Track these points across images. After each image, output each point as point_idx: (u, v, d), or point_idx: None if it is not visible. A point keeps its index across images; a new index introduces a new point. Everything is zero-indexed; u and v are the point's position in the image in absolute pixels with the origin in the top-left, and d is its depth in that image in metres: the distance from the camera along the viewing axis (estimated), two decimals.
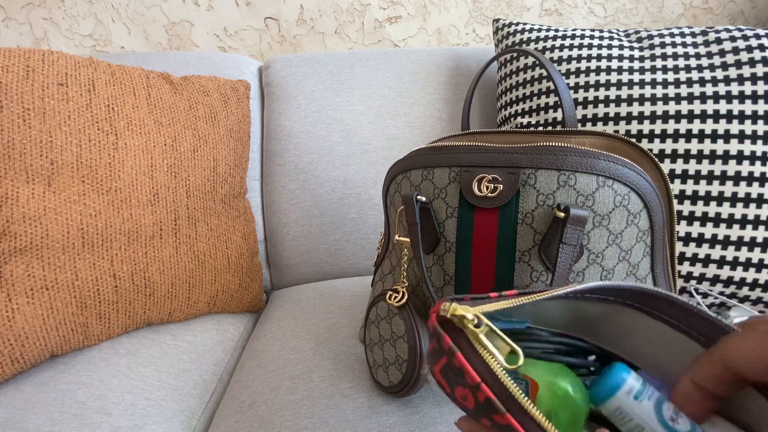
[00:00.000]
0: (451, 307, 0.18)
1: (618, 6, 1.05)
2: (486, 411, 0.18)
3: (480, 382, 0.17)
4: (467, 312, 0.18)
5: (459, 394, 0.18)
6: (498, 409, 0.17)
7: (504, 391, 0.17)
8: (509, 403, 0.17)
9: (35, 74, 0.54)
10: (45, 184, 0.54)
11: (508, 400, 0.17)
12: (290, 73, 0.83)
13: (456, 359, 0.18)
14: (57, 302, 0.53)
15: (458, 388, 0.18)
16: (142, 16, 0.97)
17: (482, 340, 0.17)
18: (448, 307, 0.18)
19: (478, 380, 0.17)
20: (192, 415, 0.52)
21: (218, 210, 0.68)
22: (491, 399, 0.17)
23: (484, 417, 0.18)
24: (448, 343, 0.18)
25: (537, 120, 0.67)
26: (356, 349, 0.53)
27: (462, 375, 0.18)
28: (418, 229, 0.40)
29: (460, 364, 0.18)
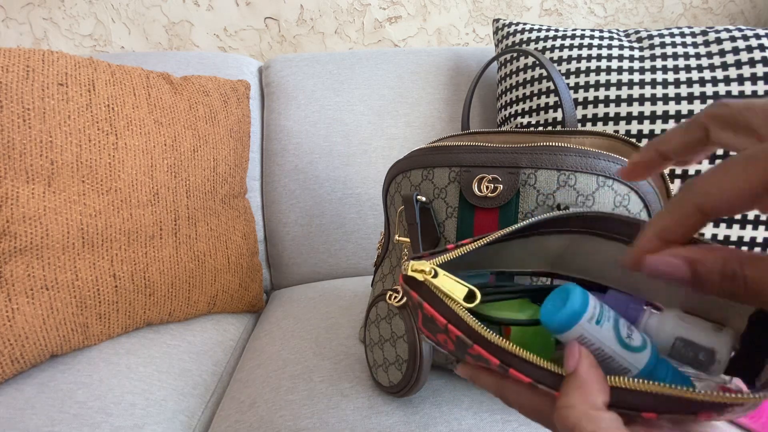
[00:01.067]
0: (410, 265, 0.20)
1: (618, 6, 1.05)
2: (462, 347, 0.20)
3: (447, 323, 0.19)
4: (424, 266, 0.20)
5: (441, 339, 0.21)
6: (466, 343, 0.19)
7: (466, 326, 0.19)
8: (472, 335, 0.19)
9: (35, 74, 0.54)
10: (45, 184, 0.54)
11: (471, 333, 0.19)
12: (290, 73, 0.83)
13: (424, 309, 0.20)
14: (57, 302, 0.53)
15: (439, 335, 0.20)
16: (142, 16, 0.98)
17: (439, 287, 0.20)
18: (408, 265, 0.20)
19: (444, 322, 0.19)
20: (192, 415, 0.52)
21: (218, 210, 0.68)
22: (459, 336, 0.19)
23: (464, 353, 0.20)
24: (415, 297, 0.20)
25: (537, 120, 0.67)
26: (356, 349, 0.53)
27: (434, 322, 0.20)
28: (418, 229, 0.40)
29: (430, 312, 0.20)
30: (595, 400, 0.16)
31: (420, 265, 0.20)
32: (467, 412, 0.43)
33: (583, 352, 0.17)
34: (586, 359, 0.17)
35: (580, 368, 0.17)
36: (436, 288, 0.20)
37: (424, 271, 0.20)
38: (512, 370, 0.18)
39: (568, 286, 0.19)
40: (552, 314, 0.19)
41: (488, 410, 0.43)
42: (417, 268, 0.20)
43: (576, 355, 0.17)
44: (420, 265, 0.20)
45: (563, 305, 0.18)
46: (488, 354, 0.19)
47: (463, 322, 0.19)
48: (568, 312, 0.18)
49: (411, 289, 0.21)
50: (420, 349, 0.39)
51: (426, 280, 0.20)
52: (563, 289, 0.19)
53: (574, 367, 0.17)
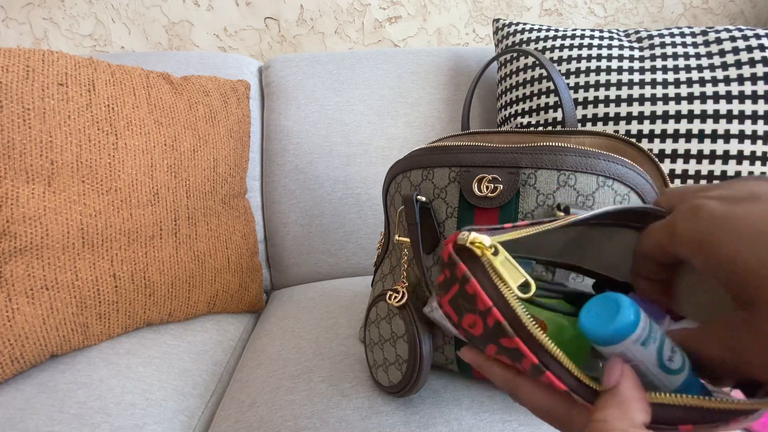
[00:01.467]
0: (470, 236, 0.19)
1: (618, 6, 1.05)
2: (494, 336, 0.18)
3: (491, 306, 0.18)
4: (485, 240, 0.18)
5: (467, 322, 0.19)
6: (507, 332, 0.18)
7: (513, 315, 0.18)
8: (517, 327, 0.18)
9: (35, 74, 0.54)
10: (45, 184, 0.54)
11: (516, 324, 0.18)
12: (290, 73, 0.83)
13: (469, 285, 0.18)
14: (57, 302, 0.53)
15: (468, 316, 0.19)
16: (142, 16, 0.98)
17: (497, 267, 0.18)
18: (467, 236, 0.19)
19: (489, 304, 0.18)
20: (192, 415, 0.52)
21: (218, 210, 0.68)
22: (501, 323, 0.18)
23: (491, 342, 0.19)
24: (462, 270, 0.19)
25: (537, 120, 0.67)
26: (356, 349, 0.53)
27: (473, 301, 0.18)
28: (418, 229, 0.40)
29: (473, 290, 0.18)
30: (635, 418, 0.16)
31: (481, 239, 0.18)
32: (467, 412, 0.43)
33: (627, 371, 0.17)
34: (629, 378, 0.17)
35: (622, 386, 0.17)
36: (493, 268, 0.18)
37: (484, 246, 0.18)
38: (549, 373, 0.17)
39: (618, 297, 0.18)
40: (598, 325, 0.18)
41: (488, 410, 0.43)
42: (478, 241, 0.18)
43: (618, 372, 0.17)
44: (481, 239, 0.18)
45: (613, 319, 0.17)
46: (528, 351, 0.18)
47: (512, 310, 0.18)
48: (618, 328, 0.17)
49: (461, 261, 0.19)
50: (420, 349, 0.39)
51: (485, 256, 0.18)
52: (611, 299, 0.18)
53: (615, 383, 0.17)
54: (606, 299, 0.18)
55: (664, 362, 0.18)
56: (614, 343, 0.17)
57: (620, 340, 0.17)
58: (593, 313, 0.18)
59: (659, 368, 0.18)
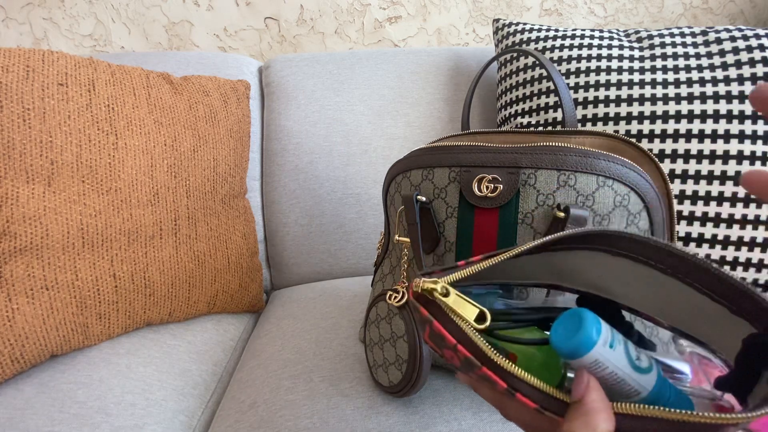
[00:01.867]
0: (421, 281, 0.20)
1: (618, 6, 1.05)
2: (469, 367, 0.20)
3: (456, 344, 0.19)
4: (435, 285, 0.20)
5: (447, 356, 0.21)
6: (474, 365, 0.19)
7: (476, 348, 0.19)
8: (482, 357, 0.19)
9: (35, 74, 0.54)
10: (45, 184, 0.54)
11: (480, 356, 0.19)
12: (290, 73, 0.83)
13: (434, 326, 0.20)
14: (57, 302, 0.53)
15: (445, 350, 0.20)
16: (142, 16, 0.97)
17: (451, 306, 0.20)
18: (419, 282, 0.20)
19: (454, 342, 0.19)
20: (192, 415, 0.52)
21: (218, 210, 0.68)
22: (468, 357, 0.19)
23: (470, 371, 0.20)
24: (424, 314, 0.20)
25: (537, 120, 0.67)
26: (356, 349, 0.53)
27: (442, 339, 0.20)
28: (418, 229, 0.40)
29: (438, 330, 0.20)
30: (598, 427, 0.16)
31: (431, 283, 0.20)
32: (467, 412, 0.43)
33: (592, 381, 0.18)
34: (594, 389, 0.17)
35: (586, 397, 0.17)
36: (448, 308, 0.20)
37: (435, 290, 0.20)
38: (519, 395, 0.18)
39: (579, 311, 0.19)
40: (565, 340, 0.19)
41: (488, 410, 0.43)
42: (428, 287, 0.20)
43: (584, 383, 0.18)
44: (431, 283, 0.20)
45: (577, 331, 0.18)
46: (496, 377, 0.19)
47: (473, 344, 0.19)
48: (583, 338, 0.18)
49: (421, 306, 0.20)
50: (420, 349, 0.39)
51: (437, 299, 0.20)
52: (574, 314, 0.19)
53: (580, 396, 0.17)
54: (570, 316, 0.19)
55: (634, 361, 0.19)
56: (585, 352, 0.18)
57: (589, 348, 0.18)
58: (560, 330, 0.19)
59: (632, 369, 0.19)
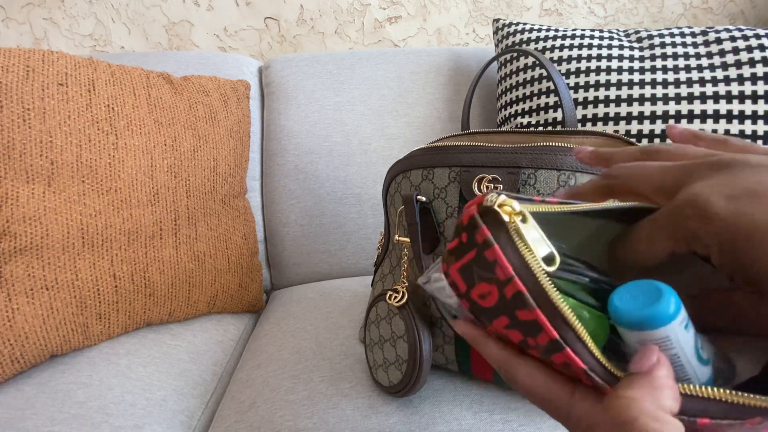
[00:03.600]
0: (498, 198, 0.17)
1: (618, 6, 1.05)
2: (510, 307, 0.17)
3: (513, 276, 0.17)
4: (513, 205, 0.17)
5: (478, 291, 0.18)
6: (527, 304, 0.17)
7: (537, 286, 0.17)
8: (540, 298, 0.17)
9: (35, 74, 0.54)
10: (45, 184, 0.54)
11: (539, 296, 0.17)
12: (290, 73, 0.83)
13: (490, 251, 0.17)
14: (57, 302, 0.53)
15: (481, 285, 0.18)
16: (142, 16, 0.98)
17: (524, 235, 0.17)
18: (495, 198, 0.17)
19: (511, 273, 0.17)
20: (192, 415, 0.52)
21: (218, 210, 0.68)
22: (522, 293, 0.17)
23: (504, 315, 0.18)
24: (485, 234, 0.17)
25: (537, 120, 0.67)
26: (356, 349, 0.53)
27: (491, 269, 0.17)
28: (418, 229, 0.40)
29: (494, 257, 0.17)
30: (666, 404, 0.15)
31: (511, 203, 0.17)
32: (467, 412, 0.43)
33: (663, 359, 0.16)
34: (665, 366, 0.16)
35: (657, 372, 0.16)
36: (520, 236, 0.17)
37: (513, 211, 0.17)
38: (569, 350, 0.16)
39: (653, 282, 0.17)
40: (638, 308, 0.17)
41: (488, 410, 0.43)
42: (508, 204, 0.17)
43: (654, 358, 0.16)
44: (511, 203, 0.17)
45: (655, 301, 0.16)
46: (549, 324, 0.16)
47: (536, 281, 0.17)
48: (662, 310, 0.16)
49: (483, 224, 0.17)
50: (420, 349, 0.39)
51: (513, 222, 0.17)
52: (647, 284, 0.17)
53: (648, 368, 0.16)
54: (643, 285, 0.17)
55: (699, 349, 0.18)
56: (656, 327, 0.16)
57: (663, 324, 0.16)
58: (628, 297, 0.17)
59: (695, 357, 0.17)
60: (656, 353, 0.16)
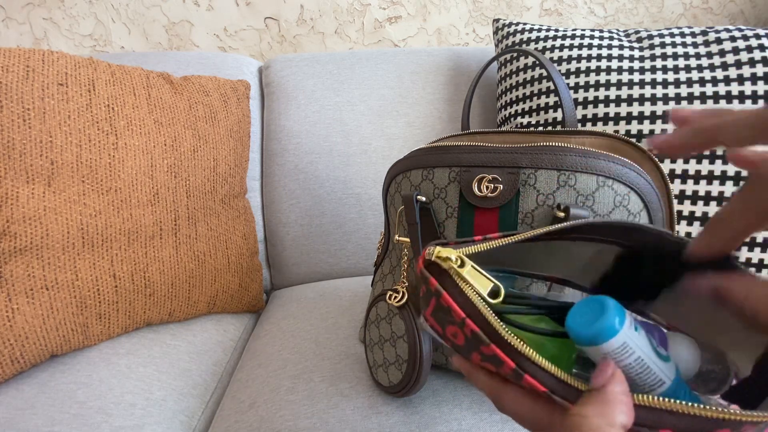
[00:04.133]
0: (435, 250, 0.19)
1: (618, 6, 1.05)
2: (474, 344, 0.19)
3: (465, 317, 0.18)
4: (450, 254, 0.19)
5: (450, 333, 0.20)
6: (483, 340, 0.18)
7: (486, 324, 0.18)
8: (491, 334, 0.18)
9: (35, 74, 0.54)
10: (45, 184, 0.54)
11: (490, 332, 0.18)
12: (290, 73, 0.83)
13: (443, 298, 0.19)
14: (57, 302, 0.53)
15: (449, 327, 0.19)
16: (142, 16, 0.97)
17: (465, 277, 0.18)
18: (433, 250, 0.19)
19: (463, 315, 0.18)
20: (192, 415, 0.52)
21: (218, 210, 0.68)
22: (476, 332, 0.18)
23: (474, 351, 0.19)
24: (434, 284, 0.19)
25: (537, 120, 0.67)
26: (356, 349, 0.53)
27: (449, 313, 0.19)
28: (418, 229, 0.40)
29: (447, 303, 0.19)
30: (616, 418, 0.16)
31: (446, 252, 0.19)
32: (467, 412, 0.43)
33: (617, 374, 0.17)
34: (618, 381, 0.17)
35: (609, 386, 0.16)
36: (461, 278, 0.18)
37: (450, 259, 0.19)
38: (528, 377, 0.18)
39: (598, 297, 0.18)
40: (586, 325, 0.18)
41: (488, 410, 0.43)
42: (443, 255, 0.19)
43: (608, 373, 0.17)
44: (446, 252, 0.19)
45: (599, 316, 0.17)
46: (504, 356, 0.18)
47: (484, 318, 0.18)
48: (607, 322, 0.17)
49: (431, 276, 0.19)
50: (420, 349, 0.39)
51: (451, 269, 0.19)
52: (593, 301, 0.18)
53: (602, 384, 0.17)
54: (590, 302, 0.18)
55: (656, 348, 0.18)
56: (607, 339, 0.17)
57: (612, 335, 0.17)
58: (578, 316, 0.18)
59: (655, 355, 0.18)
60: (611, 368, 0.17)
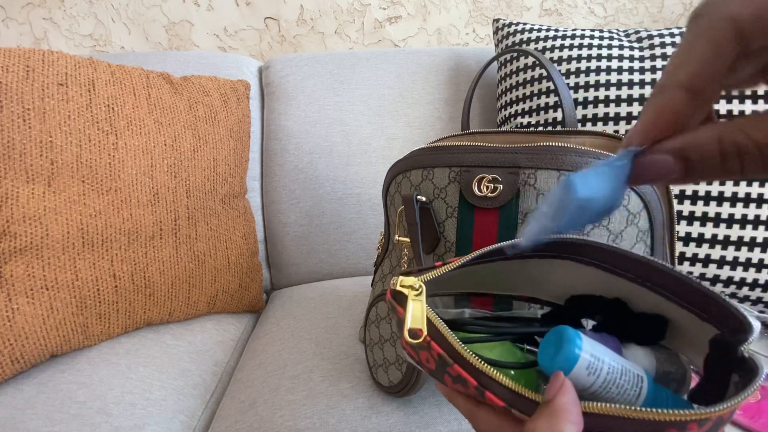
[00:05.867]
0: (399, 280, 0.20)
1: (618, 6, 1.05)
2: (442, 367, 0.20)
3: (430, 340, 0.19)
4: (412, 282, 0.20)
5: (423, 358, 0.20)
6: (447, 362, 0.19)
7: (448, 344, 0.19)
8: (454, 354, 0.19)
9: (35, 74, 0.54)
10: (45, 184, 0.54)
11: (452, 352, 0.19)
12: (290, 73, 0.83)
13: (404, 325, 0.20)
14: (57, 302, 0.53)
15: (421, 353, 0.20)
16: (142, 16, 0.97)
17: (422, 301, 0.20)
18: (397, 280, 0.20)
19: (428, 338, 0.19)
20: (192, 415, 0.52)
21: (218, 210, 0.68)
22: (441, 354, 0.19)
23: (444, 373, 0.20)
24: (401, 313, 0.20)
25: (537, 120, 0.67)
26: (356, 349, 0.53)
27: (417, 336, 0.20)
28: (418, 229, 0.40)
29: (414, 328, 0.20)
30: (563, 429, 0.16)
31: (408, 281, 0.20)
32: None
33: (566, 384, 0.18)
34: (566, 392, 0.17)
35: (556, 399, 0.17)
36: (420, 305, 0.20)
37: (412, 287, 0.20)
38: (488, 393, 0.18)
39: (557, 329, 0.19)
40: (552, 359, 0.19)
41: None
42: (405, 284, 0.20)
43: (557, 386, 0.18)
44: (408, 281, 0.20)
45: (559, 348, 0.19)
46: (467, 374, 0.19)
47: (445, 340, 0.19)
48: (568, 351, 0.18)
49: (398, 305, 0.20)
50: None
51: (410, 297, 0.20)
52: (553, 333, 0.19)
53: (551, 396, 0.17)
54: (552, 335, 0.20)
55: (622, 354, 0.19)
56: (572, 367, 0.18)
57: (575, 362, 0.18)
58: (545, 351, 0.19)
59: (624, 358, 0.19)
60: (560, 380, 0.18)
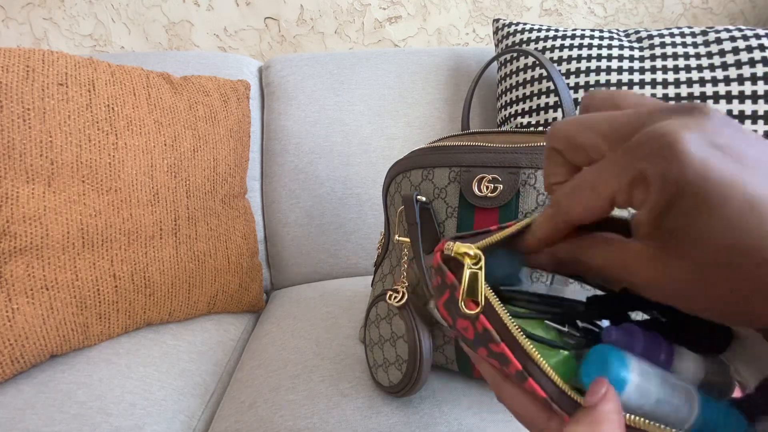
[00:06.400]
0: (454, 245, 0.19)
1: (618, 6, 1.05)
2: (484, 340, 0.19)
3: (479, 313, 0.19)
4: (470, 249, 0.19)
5: (460, 325, 0.20)
6: (494, 338, 0.18)
7: (500, 323, 0.18)
8: (503, 333, 0.18)
9: (35, 74, 0.54)
10: (45, 184, 0.54)
11: (502, 331, 0.18)
12: (290, 73, 0.83)
13: (458, 292, 0.19)
14: (57, 302, 0.53)
15: (459, 320, 0.20)
16: (142, 16, 0.97)
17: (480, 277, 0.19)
18: (452, 246, 0.19)
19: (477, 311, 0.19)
20: (192, 415, 0.52)
21: (218, 210, 0.68)
22: (489, 330, 0.19)
23: (482, 346, 0.19)
24: (451, 278, 0.19)
25: (537, 120, 0.67)
26: (356, 349, 0.53)
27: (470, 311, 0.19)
28: (418, 229, 0.40)
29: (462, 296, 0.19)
30: None
31: (465, 248, 0.19)
32: (467, 412, 0.43)
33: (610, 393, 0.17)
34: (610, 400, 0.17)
35: (600, 406, 0.16)
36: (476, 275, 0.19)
37: (468, 255, 0.19)
38: (531, 380, 0.18)
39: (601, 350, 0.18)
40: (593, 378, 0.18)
41: (489, 410, 0.43)
42: (462, 251, 0.19)
43: (600, 393, 0.17)
44: (465, 248, 0.19)
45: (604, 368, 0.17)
46: (513, 357, 0.18)
47: (498, 317, 0.18)
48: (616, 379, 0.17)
49: (448, 270, 0.20)
50: (420, 349, 0.39)
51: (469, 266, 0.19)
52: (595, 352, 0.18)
53: (594, 403, 0.17)
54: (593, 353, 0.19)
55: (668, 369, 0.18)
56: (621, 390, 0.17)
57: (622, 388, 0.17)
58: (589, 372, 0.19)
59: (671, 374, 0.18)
60: (604, 387, 0.17)
